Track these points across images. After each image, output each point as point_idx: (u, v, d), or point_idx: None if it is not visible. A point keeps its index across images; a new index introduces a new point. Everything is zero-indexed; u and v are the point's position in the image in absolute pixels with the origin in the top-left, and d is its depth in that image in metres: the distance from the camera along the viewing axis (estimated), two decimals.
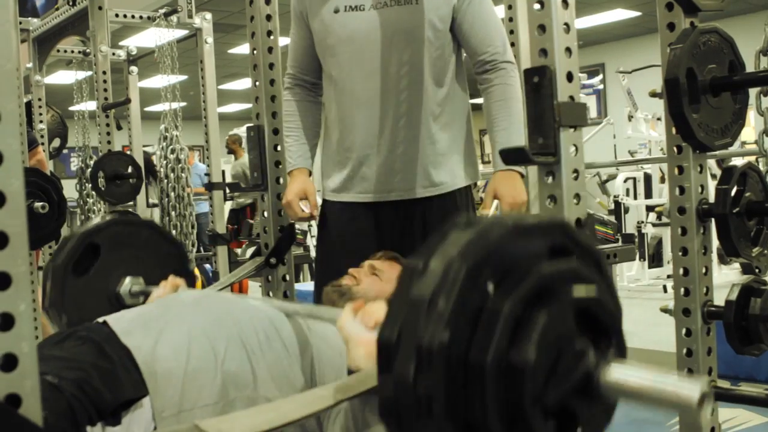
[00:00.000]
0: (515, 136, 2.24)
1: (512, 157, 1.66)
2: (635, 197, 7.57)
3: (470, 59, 2.33)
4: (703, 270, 1.85)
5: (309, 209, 2.34)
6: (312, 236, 8.32)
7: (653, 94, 2.00)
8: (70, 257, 2.14)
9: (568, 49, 1.49)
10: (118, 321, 1.59)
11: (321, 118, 2.46)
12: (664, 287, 6.28)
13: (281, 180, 2.45)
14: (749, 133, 7.89)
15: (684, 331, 1.85)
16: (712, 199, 1.86)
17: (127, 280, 2.17)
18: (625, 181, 7.28)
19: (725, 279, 5.41)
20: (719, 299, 1.86)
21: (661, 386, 0.85)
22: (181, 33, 4.71)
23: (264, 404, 1.45)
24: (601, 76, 13.43)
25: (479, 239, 0.87)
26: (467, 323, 0.85)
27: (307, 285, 4.98)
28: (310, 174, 2.42)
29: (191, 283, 2.15)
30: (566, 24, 1.48)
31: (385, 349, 0.87)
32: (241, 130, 10.83)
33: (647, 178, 7.71)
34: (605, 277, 0.94)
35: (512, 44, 3.06)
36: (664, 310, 1.95)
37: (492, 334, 0.84)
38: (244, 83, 14.58)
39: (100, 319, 1.61)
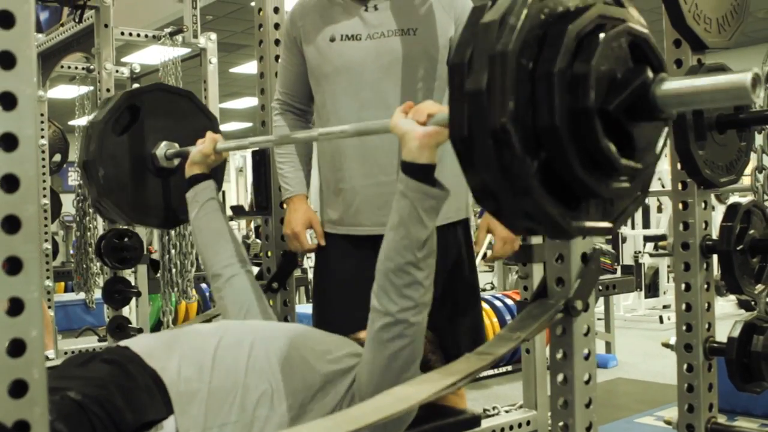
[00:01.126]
0: None
1: None
2: (633, 227, 7.58)
3: None
4: (706, 306, 1.85)
5: (315, 240, 2.32)
6: (308, 257, 8.33)
7: None
8: (111, 114, 2.23)
9: None
10: (139, 345, 1.60)
11: (312, 144, 2.42)
12: (660, 318, 6.28)
13: (285, 205, 2.45)
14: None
15: (685, 366, 1.85)
16: (714, 235, 1.86)
17: (163, 143, 2.28)
18: None
19: (721, 311, 5.41)
20: (717, 332, 1.86)
21: (714, 80, 0.93)
22: (185, 51, 4.72)
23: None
24: None
25: None
26: (535, 41, 0.95)
27: (302, 307, 4.96)
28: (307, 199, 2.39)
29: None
30: None
31: (458, 68, 0.97)
32: (242, 152, 10.87)
33: (645, 208, 7.74)
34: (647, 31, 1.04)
35: None
36: (666, 345, 1.94)
37: (557, 49, 0.94)
38: (244, 102, 14.62)
39: (122, 343, 1.62)
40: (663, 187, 6.87)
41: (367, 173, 2.20)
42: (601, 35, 0.96)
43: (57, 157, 5.64)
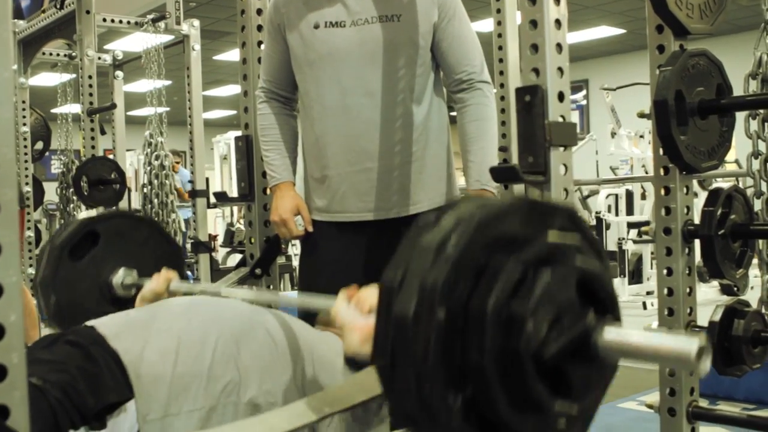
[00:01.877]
0: (489, 157, 2.23)
1: (502, 175, 1.67)
2: (617, 214, 7.61)
3: (446, 77, 2.30)
4: (688, 290, 1.87)
5: (303, 226, 2.30)
6: (293, 245, 8.32)
7: (641, 115, 2.01)
8: (68, 240, 2.17)
9: (560, 69, 1.50)
10: (106, 325, 1.57)
11: (298, 131, 2.40)
12: (644, 304, 6.31)
13: (268, 191, 2.44)
14: (730, 153, 7.96)
15: None
16: (697, 220, 1.87)
17: (121, 271, 2.20)
18: (606, 197, 7.33)
19: (704, 297, 5.45)
20: (699, 317, 1.87)
21: (660, 342, 0.87)
22: (168, 38, 4.70)
23: (251, 417, 1.44)
24: (584, 92, 13.55)
25: (491, 205, 0.91)
26: (472, 272, 0.87)
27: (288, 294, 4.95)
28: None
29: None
30: (558, 44, 1.50)
31: (387, 290, 0.89)
32: (225, 137, 10.84)
33: (629, 195, 7.76)
34: (605, 262, 0.97)
35: (500, 60, 3.09)
36: (647, 329, 1.95)
37: (495, 283, 0.87)
38: (228, 90, 14.56)
39: (89, 323, 1.60)
40: (647, 173, 6.89)
41: (351, 160, 2.20)
42: (546, 272, 0.88)
43: (39, 145, 5.59)
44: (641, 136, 7.89)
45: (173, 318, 1.62)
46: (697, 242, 1.87)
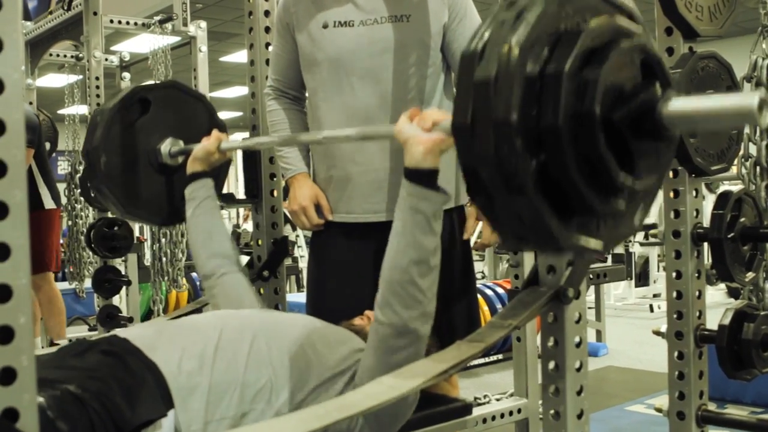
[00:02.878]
0: None
1: None
2: None
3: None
4: (697, 293, 1.86)
5: (324, 215, 2.27)
6: (299, 246, 8.31)
7: None
8: (120, 104, 2.21)
9: None
10: (140, 337, 1.57)
11: (308, 126, 2.37)
12: (651, 306, 6.30)
13: (275, 192, 2.43)
14: None
15: (676, 354, 1.85)
16: (705, 223, 1.87)
17: (168, 140, 2.27)
18: None
19: (711, 299, 5.44)
20: (707, 320, 1.87)
21: (721, 102, 0.92)
22: (175, 39, 4.70)
23: (272, 419, 1.45)
24: None
25: None
26: (549, 40, 0.94)
27: (293, 296, 4.95)
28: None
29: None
30: None
31: (468, 58, 0.95)
32: (232, 138, 10.83)
33: None
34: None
35: None
36: (657, 333, 1.95)
37: (570, 50, 0.93)
38: (234, 91, 14.57)
39: (121, 335, 1.59)
40: None
41: (357, 160, 2.19)
42: (615, 46, 0.95)
43: (46, 146, 5.59)
44: None
45: (206, 327, 1.63)
46: (705, 245, 1.87)
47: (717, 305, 5.05)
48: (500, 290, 5.22)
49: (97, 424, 1.33)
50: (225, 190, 2.46)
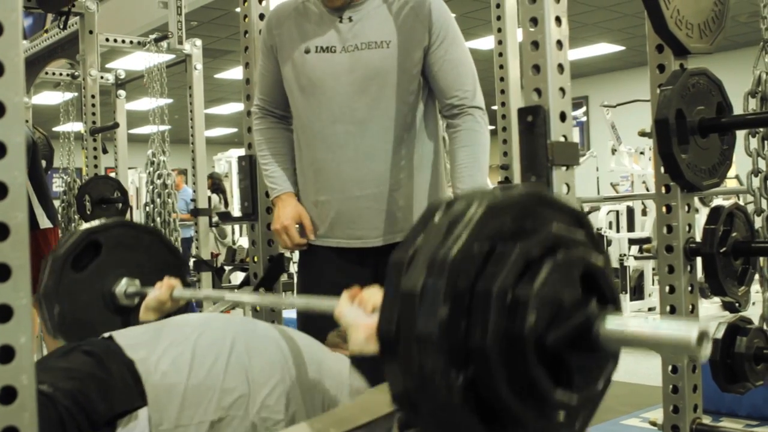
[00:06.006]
0: (479, 185, 2.18)
1: None
2: (618, 230, 7.62)
3: (438, 102, 2.26)
4: (690, 307, 1.87)
5: (306, 235, 2.27)
6: (294, 262, 8.31)
7: (642, 134, 2.02)
8: (71, 250, 2.18)
9: (562, 89, 1.51)
10: (124, 336, 1.60)
11: (294, 146, 2.36)
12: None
13: (271, 210, 2.45)
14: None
15: (670, 368, 1.87)
16: (698, 237, 1.88)
17: (124, 281, 2.22)
18: (607, 214, 7.34)
19: (706, 313, 5.45)
20: None
21: (660, 330, 0.88)
22: (170, 57, 4.72)
23: None
24: (584, 109, 13.60)
25: (502, 194, 0.94)
26: (481, 254, 0.90)
27: (289, 313, 4.94)
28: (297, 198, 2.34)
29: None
30: (560, 65, 1.51)
31: (397, 265, 0.92)
32: (226, 155, 10.86)
33: (630, 211, 7.77)
34: (606, 257, 0.99)
35: (501, 79, 3.10)
36: (647, 319, 1.96)
37: (502, 267, 0.89)
38: (229, 108, 14.60)
39: (107, 334, 1.62)
40: (647, 190, 6.89)
41: (339, 187, 2.19)
42: (551, 260, 0.91)
43: (42, 164, 5.60)
44: (642, 153, 7.91)
45: (189, 331, 1.64)
46: (698, 259, 1.88)
47: (711, 318, 5.06)
48: None
49: (67, 420, 1.36)
50: (222, 208, 2.46)
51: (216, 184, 6.18)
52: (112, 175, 4.60)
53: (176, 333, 1.63)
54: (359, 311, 1.46)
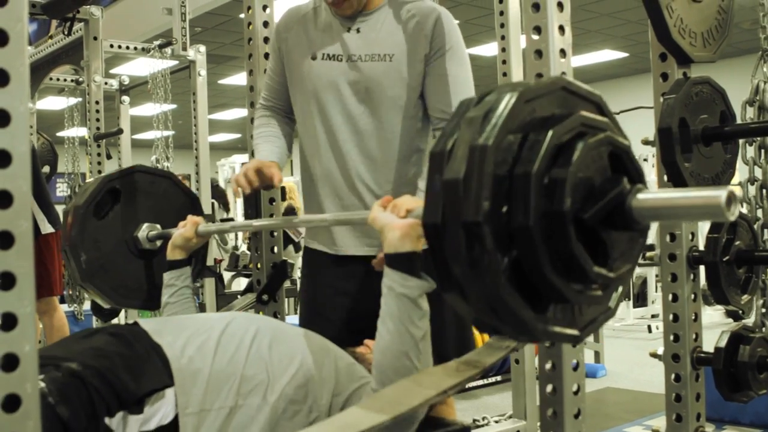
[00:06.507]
0: None
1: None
2: None
3: (429, 114, 2.21)
4: (693, 316, 1.87)
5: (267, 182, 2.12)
6: (298, 268, 8.31)
7: (645, 142, 2.01)
8: (91, 199, 2.23)
9: None
10: (148, 322, 1.65)
11: (293, 136, 2.36)
12: (649, 327, 6.30)
13: (275, 217, 2.45)
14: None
15: (673, 376, 1.86)
16: (701, 245, 1.88)
17: (145, 225, 2.29)
18: None
19: (709, 320, 5.44)
20: (705, 341, 1.88)
21: (690, 196, 0.94)
22: (174, 63, 4.73)
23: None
24: None
25: (531, 84, 0.99)
26: (517, 141, 0.96)
27: (293, 318, 4.94)
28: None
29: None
30: (564, 73, 1.51)
31: (438, 156, 0.97)
32: (229, 160, 10.87)
33: None
34: (629, 142, 1.05)
35: None
36: (653, 355, 1.96)
37: (537, 151, 0.94)
38: (232, 113, 14.61)
39: (131, 321, 1.67)
40: None
41: (340, 195, 2.20)
42: (582, 142, 0.96)
43: (46, 169, 5.62)
44: (645, 160, 7.90)
45: (213, 322, 1.68)
46: (701, 268, 1.88)
47: (715, 325, 5.05)
48: None
49: (97, 401, 1.38)
50: (224, 216, 2.47)
51: (214, 190, 6.22)
52: None
53: (200, 323, 1.68)
54: (392, 215, 1.53)
